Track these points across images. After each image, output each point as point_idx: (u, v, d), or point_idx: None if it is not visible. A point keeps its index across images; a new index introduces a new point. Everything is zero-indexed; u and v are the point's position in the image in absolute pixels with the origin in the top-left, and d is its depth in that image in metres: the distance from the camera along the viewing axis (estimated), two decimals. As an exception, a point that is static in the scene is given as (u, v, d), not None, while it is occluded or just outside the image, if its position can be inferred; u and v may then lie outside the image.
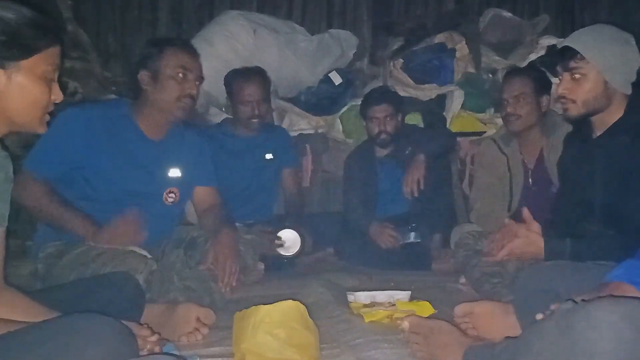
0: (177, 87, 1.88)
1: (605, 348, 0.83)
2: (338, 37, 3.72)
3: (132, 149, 1.92)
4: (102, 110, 1.93)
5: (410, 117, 3.23)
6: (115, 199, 1.87)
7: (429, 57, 3.50)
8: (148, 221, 1.88)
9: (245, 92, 2.63)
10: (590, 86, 1.56)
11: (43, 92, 1.13)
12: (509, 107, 2.28)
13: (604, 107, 1.59)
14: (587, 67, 1.55)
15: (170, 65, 1.88)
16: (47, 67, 1.12)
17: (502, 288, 1.94)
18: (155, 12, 3.90)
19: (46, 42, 1.11)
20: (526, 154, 2.34)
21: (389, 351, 1.41)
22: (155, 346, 1.22)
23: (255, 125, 2.70)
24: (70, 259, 1.75)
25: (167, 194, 1.99)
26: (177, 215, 2.11)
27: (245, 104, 2.64)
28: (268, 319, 1.31)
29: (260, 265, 2.33)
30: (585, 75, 1.56)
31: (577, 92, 1.58)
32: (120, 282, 1.48)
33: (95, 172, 1.86)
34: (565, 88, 1.60)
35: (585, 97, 1.57)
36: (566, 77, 1.60)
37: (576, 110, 1.60)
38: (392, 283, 2.24)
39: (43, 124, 1.17)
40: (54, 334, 0.99)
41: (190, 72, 1.90)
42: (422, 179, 2.64)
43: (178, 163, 2.01)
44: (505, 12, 3.79)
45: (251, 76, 2.69)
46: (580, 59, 1.55)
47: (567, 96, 1.60)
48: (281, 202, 2.93)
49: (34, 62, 1.10)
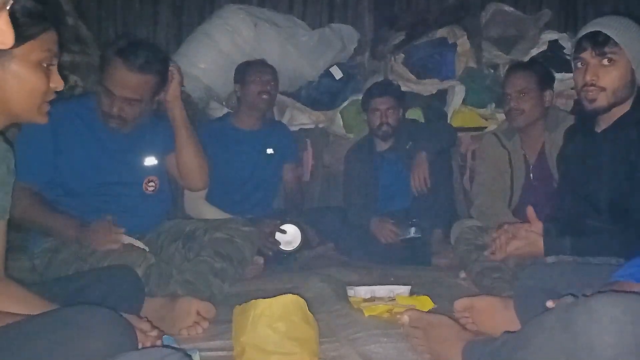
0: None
1: (606, 342, 0.82)
2: (339, 32, 3.71)
3: (102, 141, 1.93)
4: (69, 106, 1.93)
5: (411, 112, 3.22)
6: (95, 192, 1.90)
7: (430, 52, 3.48)
8: (133, 211, 1.92)
9: (259, 70, 2.72)
10: (621, 74, 1.51)
11: (40, 79, 1.10)
12: (512, 102, 2.26)
13: (626, 98, 1.54)
14: (619, 54, 1.50)
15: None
16: (42, 54, 1.09)
17: (502, 283, 1.93)
18: (156, 5, 3.90)
19: (39, 28, 1.08)
20: (528, 149, 2.33)
21: (389, 345, 1.41)
22: (156, 340, 1.22)
23: (263, 104, 2.72)
24: (69, 253, 1.76)
25: (147, 184, 2.01)
26: (163, 203, 2.12)
27: (256, 82, 2.69)
28: (268, 313, 1.30)
29: (259, 259, 2.33)
30: (617, 62, 1.51)
31: (607, 79, 1.52)
32: (119, 276, 1.48)
33: (70, 167, 1.88)
34: (594, 74, 1.52)
35: (616, 85, 1.52)
36: (594, 63, 1.52)
37: (605, 100, 1.53)
38: (392, 278, 2.24)
39: (43, 113, 1.15)
40: (53, 326, 0.99)
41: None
42: (427, 175, 2.65)
43: (151, 152, 2.03)
44: (507, 7, 3.77)
45: (265, 65, 2.82)
46: (613, 44, 1.49)
47: (596, 83, 1.53)
48: (281, 197, 2.93)
49: (28, 49, 1.07)
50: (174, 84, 1.97)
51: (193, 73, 3.22)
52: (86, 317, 1.01)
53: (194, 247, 1.97)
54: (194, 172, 2.08)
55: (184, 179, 2.10)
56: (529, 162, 2.32)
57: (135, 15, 3.85)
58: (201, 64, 3.28)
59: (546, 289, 1.34)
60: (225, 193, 2.61)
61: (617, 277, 1.22)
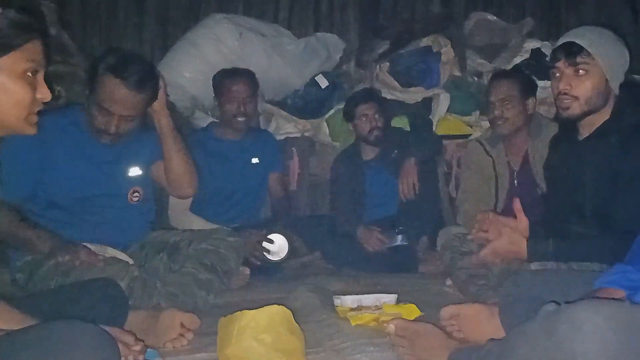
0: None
1: (589, 350, 0.82)
2: (325, 40, 3.73)
3: (89, 154, 1.92)
4: (53, 118, 1.90)
5: (397, 121, 3.24)
6: (80, 204, 1.88)
7: (415, 61, 3.51)
8: (117, 222, 1.91)
9: (233, 88, 2.62)
10: (594, 83, 1.55)
11: (25, 90, 1.08)
12: (496, 110, 2.28)
13: (600, 107, 1.57)
14: (592, 64, 1.54)
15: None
16: (27, 64, 1.08)
17: (488, 290, 1.94)
18: (141, 15, 3.87)
19: (23, 38, 1.06)
20: (512, 155, 2.35)
21: (376, 355, 1.40)
22: (139, 354, 1.20)
23: (240, 125, 2.66)
24: (51, 266, 1.73)
25: (132, 194, 1.99)
26: (148, 213, 2.11)
27: (231, 101, 2.62)
28: (253, 324, 1.29)
29: (246, 269, 2.31)
30: (590, 72, 1.54)
31: (580, 88, 1.55)
32: (102, 289, 1.46)
33: (55, 180, 1.86)
34: (567, 84, 1.56)
35: (589, 94, 1.55)
36: (568, 73, 1.56)
37: (578, 109, 1.57)
38: (378, 286, 2.23)
39: (31, 124, 1.12)
40: (34, 341, 0.97)
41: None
42: (416, 182, 2.66)
43: (136, 162, 2.01)
44: (491, 16, 3.82)
45: (239, 75, 2.70)
46: (586, 54, 1.53)
47: (569, 92, 1.57)
48: (268, 206, 2.92)
49: (12, 60, 1.06)
50: (160, 93, 1.96)
51: (178, 82, 3.21)
52: (69, 331, 0.99)
53: (178, 258, 1.95)
54: (183, 179, 2.06)
55: (173, 186, 2.09)
56: (513, 169, 2.34)
57: (120, 24, 3.82)
58: (186, 73, 3.27)
59: (530, 297, 1.35)
60: (210, 203, 2.60)
61: (600, 283, 1.23)
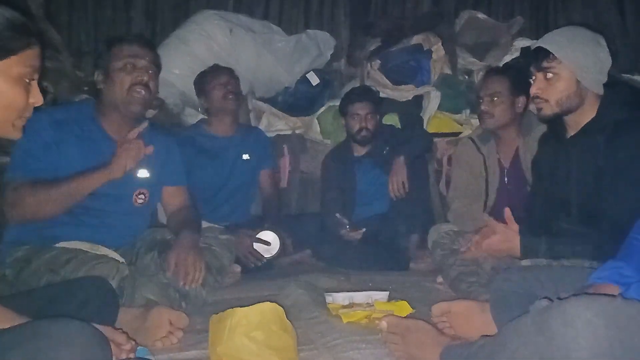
0: (127, 77, 1.85)
1: (581, 345, 0.83)
2: (315, 38, 3.72)
3: (98, 151, 1.87)
4: (68, 112, 1.89)
5: (388, 118, 3.24)
6: (82, 203, 1.82)
7: (406, 58, 3.52)
8: (117, 225, 1.87)
9: (215, 79, 2.70)
10: (563, 86, 1.59)
11: (18, 95, 1.08)
12: (484, 105, 2.31)
13: (576, 106, 1.62)
14: (559, 67, 1.58)
15: (118, 58, 1.86)
16: (23, 69, 1.07)
17: (479, 287, 1.95)
18: (129, 10, 3.84)
19: (22, 43, 1.06)
20: (502, 153, 2.36)
21: (367, 352, 1.40)
22: (130, 353, 1.20)
23: (232, 104, 2.70)
24: (40, 264, 1.70)
25: (137, 195, 1.95)
26: (147, 216, 2.08)
27: (217, 87, 2.67)
28: (245, 322, 1.29)
29: (237, 267, 2.31)
30: (558, 75, 1.59)
31: (550, 91, 1.61)
32: (93, 287, 1.44)
33: (63, 172, 1.80)
34: (538, 88, 1.63)
35: (558, 97, 1.60)
36: (539, 77, 1.63)
37: (550, 110, 1.63)
38: (370, 283, 2.24)
39: (17, 129, 1.11)
40: (23, 339, 0.96)
41: (139, 60, 1.87)
42: (406, 180, 2.66)
43: (146, 164, 1.96)
44: (481, 14, 3.84)
45: (219, 69, 2.80)
46: (552, 59, 1.58)
47: (540, 96, 1.63)
48: (259, 203, 2.91)
49: (8, 64, 1.05)
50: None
51: (168, 79, 3.18)
52: (59, 329, 0.98)
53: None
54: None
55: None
56: (504, 166, 2.36)
57: (108, 20, 3.79)
58: (176, 69, 3.25)
59: (521, 292, 1.36)
60: (201, 201, 2.59)
61: (593, 279, 1.24)
